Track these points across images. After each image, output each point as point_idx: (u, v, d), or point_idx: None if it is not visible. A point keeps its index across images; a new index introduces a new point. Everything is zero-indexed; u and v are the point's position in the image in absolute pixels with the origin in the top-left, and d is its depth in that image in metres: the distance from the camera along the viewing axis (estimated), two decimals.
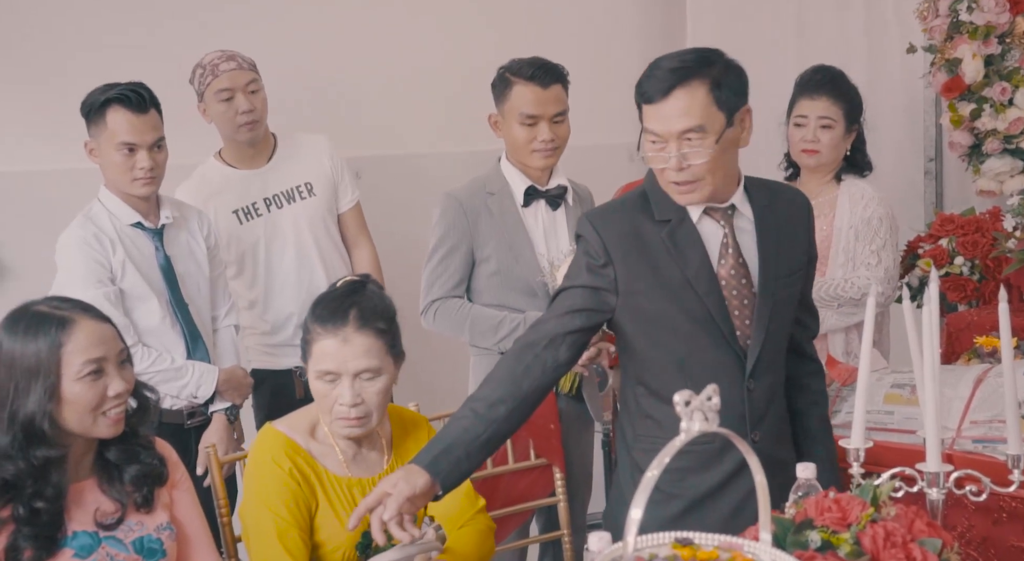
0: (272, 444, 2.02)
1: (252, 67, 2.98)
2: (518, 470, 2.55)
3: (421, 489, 1.81)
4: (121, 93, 2.57)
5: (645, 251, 1.97)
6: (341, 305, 2.01)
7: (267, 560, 1.95)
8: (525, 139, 2.75)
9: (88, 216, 2.64)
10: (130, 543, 1.88)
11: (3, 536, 1.77)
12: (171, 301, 2.68)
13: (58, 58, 3.21)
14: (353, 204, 3.17)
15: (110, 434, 1.89)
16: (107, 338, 1.88)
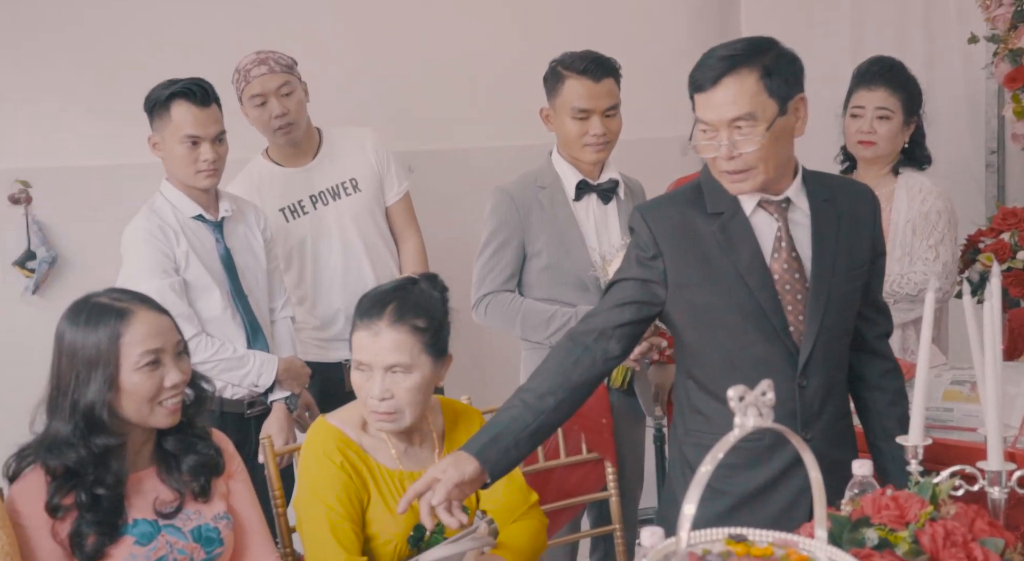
0: (324, 438, 2.04)
1: (286, 69, 2.96)
2: (570, 464, 2.55)
3: (470, 476, 1.81)
4: (185, 87, 2.62)
5: (696, 244, 1.96)
6: (381, 300, 2.04)
7: (320, 552, 1.97)
8: (577, 133, 2.73)
9: (152, 209, 2.69)
10: (188, 532, 1.92)
11: (68, 523, 1.82)
12: (232, 292, 2.73)
13: (117, 56, 3.26)
14: (400, 196, 3.18)
15: (167, 424, 1.92)
16: (164, 330, 1.92)
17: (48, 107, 3.18)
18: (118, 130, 3.22)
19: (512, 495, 2.14)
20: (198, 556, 1.92)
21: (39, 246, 3.14)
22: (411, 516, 2.02)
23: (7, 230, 3.12)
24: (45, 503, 1.82)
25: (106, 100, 3.23)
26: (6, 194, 3.12)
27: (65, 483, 1.83)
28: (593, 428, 2.55)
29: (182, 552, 1.90)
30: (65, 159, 3.20)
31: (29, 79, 3.15)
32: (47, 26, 3.18)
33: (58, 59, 3.19)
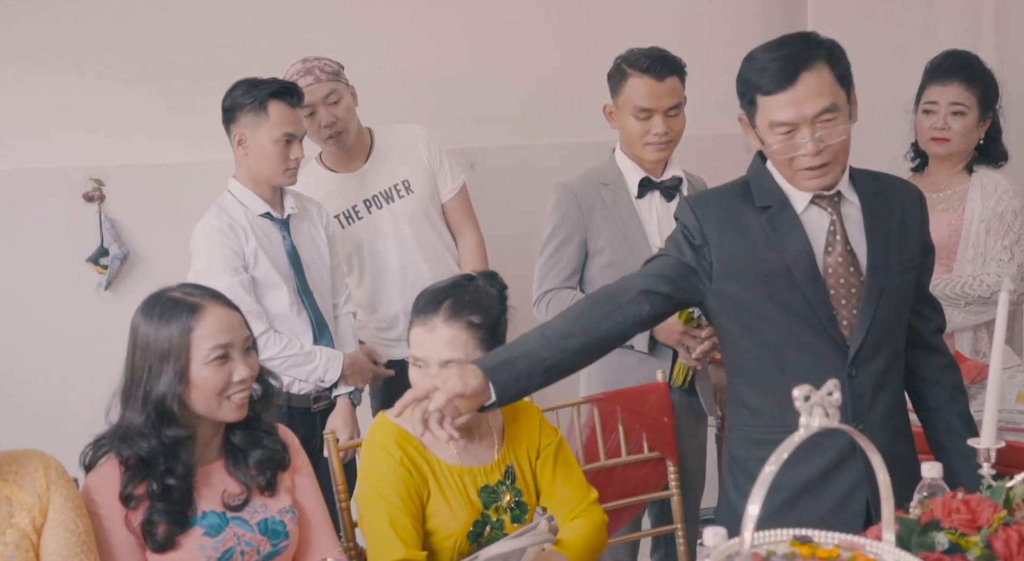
0: (384, 434, 2.06)
1: (332, 76, 2.96)
2: (631, 463, 2.54)
3: (472, 390, 1.72)
4: (284, 87, 2.70)
5: (743, 237, 1.95)
6: (437, 297, 2.05)
7: (380, 546, 1.98)
8: (639, 132, 2.72)
9: (221, 207, 2.74)
10: (255, 524, 1.95)
11: (140, 511, 1.86)
12: (298, 289, 2.77)
13: (185, 56, 3.32)
14: (455, 192, 3.16)
15: (234, 418, 1.96)
16: (234, 325, 1.95)
17: (121, 107, 3.24)
18: (188, 129, 3.29)
19: (572, 492, 2.14)
20: (264, 548, 1.95)
21: (111, 243, 3.21)
22: (471, 512, 2.04)
23: (81, 228, 3.19)
24: (119, 493, 1.86)
25: (176, 99, 3.30)
26: (80, 192, 3.19)
27: (138, 473, 1.87)
28: (655, 427, 2.54)
29: (249, 544, 1.93)
30: (137, 157, 3.26)
31: (102, 80, 3.22)
32: (117, 29, 3.24)
33: (130, 60, 3.25)
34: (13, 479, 1.73)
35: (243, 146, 2.72)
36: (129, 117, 3.25)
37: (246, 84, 2.71)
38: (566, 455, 2.19)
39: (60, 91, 3.17)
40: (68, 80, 3.18)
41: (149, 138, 3.27)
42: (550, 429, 2.20)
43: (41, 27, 3.15)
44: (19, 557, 1.67)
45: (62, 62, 3.17)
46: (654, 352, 2.71)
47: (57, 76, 3.17)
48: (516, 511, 2.10)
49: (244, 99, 2.68)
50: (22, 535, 1.69)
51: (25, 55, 3.13)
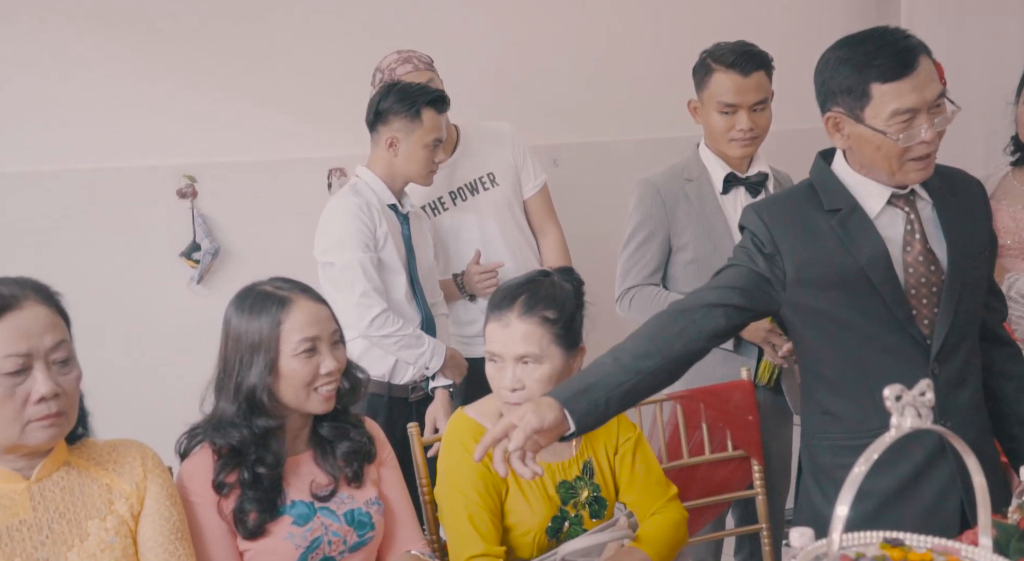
0: (462, 429, 2.07)
1: (428, 66, 3.04)
2: (715, 461, 2.51)
3: (550, 424, 1.70)
4: (438, 96, 2.82)
5: (815, 242, 1.91)
6: (512, 292, 2.05)
7: (460, 541, 2.00)
8: (723, 127, 2.69)
9: (355, 189, 2.84)
10: (342, 514, 1.99)
11: (232, 499, 1.91)
12: (412, 279, 2.86)
13: (276, 54, 3.39)
14: (538, 189, 3.19)
15: (322, 410, 1.99)
16: (322, 318, 1.99)
17: (213, 105, 3.32)
18: (278, 126, 3.36)
19: (651, 488, 2.13)
20: (351, 539, 1.98)
21: (203, 238, 3.29)
22: (550, 507, 2.04)
23: (174, 223, 3.27)
24: (212, 480, 1.91)
25: (267, 97, 3.36)
26: (174, 189, 3.28)
27: (230, 461, 1.93)
28: (739, 425, 2.51)
29: (336, 534, 1.96)
30: (228, 154, 3.34)
31: (195, 78, 3.30)
32: (209, 29, 3.32)
33: (221, 58, 3.33)
34: (113, 468, 1.78)
35: (393, 148, 2.82)
36: (221, 115, 3.32)
37: (400, 90, 2.82)
38: (645, 451, 2.18)
39: (155, 90, 3.26)
40: (163, 79, 3.26)
41: (240, 136, 3.34)
42: (628, 425, 2.19)
43: (134, 27, 3.23)
44: (118, 542, 1.72)
45: (157, 62, 3.26)
46: (739, 349, 2.68)
47: (152, 75, 3.25)
48: (595, 507, 2.09)
49: (399, 106, 2.79)
50: (121, 521, 1.74)
51: (120, 55, 3.22)
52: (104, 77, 3.21)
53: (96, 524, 1.71)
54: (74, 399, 1.71)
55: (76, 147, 3.18)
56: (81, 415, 1.77)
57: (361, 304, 2.71)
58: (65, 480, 1.73)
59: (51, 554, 1.66)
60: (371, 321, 2.72)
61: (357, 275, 2.72)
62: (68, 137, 3.17)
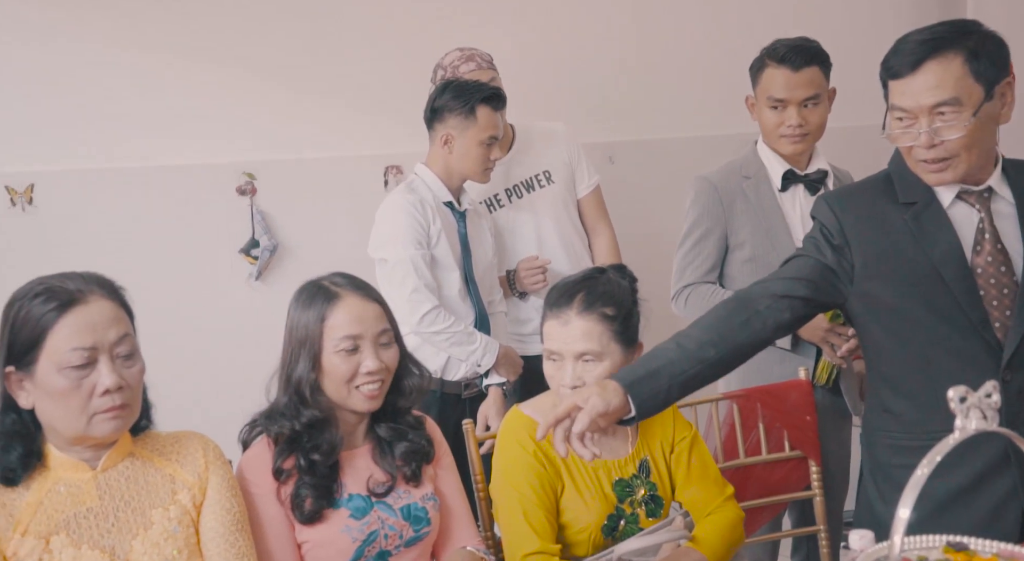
0: (517, 427, 2.07)
1: (490, 64, 3.04)
2: (772, 461, 2.49)
3: (614, 407, 1.72)
4: (493, 93, 2.84)
5: (886, 235, 1.88)
6: (570, 290, 2.05)
7: (515, 538, 2.00)
8: (773, 123, 2.67)
9: (410, 187, 2.86)
10: (399, 509, 2.00)
11: (290, 484, 1.94)
12: (466, 277, 2.88)
13: (335, 53, 3.42)
14: (591, 189, 3.19)
15: (365, 409, 2.00)
16: (368, 317, 1.99)
17: (273, 103, 3.36)
18: (337, 124, 3.39)
19: (707, 488, 2.12)
20: (407, 533, 1.99)
21: (262, 235, 3.33)
22: (605, 505, 2.04)
23: (234, 220, 3.32)
24: (271, 468, 1.94)
25: (326, 95, 3.40)
26: (234, 186, 3.33)
27: (286, 448, 1.95)
28: (797, 425, 2.48)
29: (392, 528, 1.98)
30: (287, 152, 3.38)
31: (256, 77, 3.35)
32: (270, 28, 3.36)
33: (281, 58, 3.37)
34: (176, 459, 1.82)
35: (448, 145, 2.84)
36: (281, 113, 3.36)
37: (456, 88, 2.84)
38: (701, 450, 2.16)
39: (216, 89, 3.31)
40: (224, 78, 3.32)
41: (299, 133, 3.38)
42: (684, 423, 2.18)
43: (197, 27, 3.29)
44: (181, 531, 1.75)
45: (218, 62, 3.31)
46: (796, 349, 2.66)
47: (214, 75, 3.31)
48: (651, 505, 2.08)
49: (455, 103, 2.81)
50: (184, 511, 1.77)
51: (183, 55, 3.28)
52: (166, 77, 3.26)
53: (160, 513, 1.75)
54: (138, 392, 1.75)
55: (140, 146, 3.24)
56: (145, 407, 1.80)
57: (412, 300, 2.73)
58: (130, 470, 1.76)
59: (117, 542, 1.70)
60: (421, 317, 2.74)
61: (408, 271, 2.74)
62: (133, 136, 3.23)
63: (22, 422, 1.70)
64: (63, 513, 1.68)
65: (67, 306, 1.67)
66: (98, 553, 1.67)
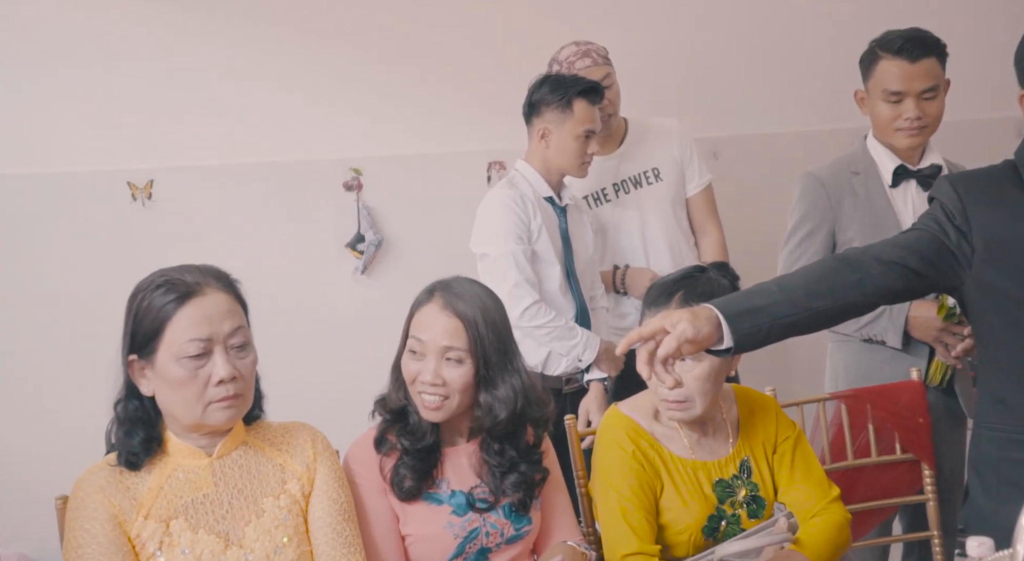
0: (616, 426, 2.06)
1: (606, 60, 3.03)
2: (882, 464, 2.44)
3: (704, 335, 1.65)
4: (590, 86, 2.83)
5: (1012, 222, 1.81)
6: (669, 288, 2.03)
7: (614, 538, 1.99)
8: (889, 117, 2.61)
9: (511, 182, 2.88)
10: (500, 507, 2.01)
11: (392, 458, 1.98)
12: (567, 272, 2.88)
13: (434, 51, 3.46)
14: (701, 188, 3.16)
15: (427, 417, 2.00)
16: (449, 331, 1.96)
17: (378, 100, 3.42)
18: (441, 120, 3.43)
19: (812, 489, 2.08)
20: (508, 531, 2.00)
21: (368, 230, 3.39)
22: (705, 506, 2.02)
23: (341, 215, 3.39)
24: (374, 440, 1.99)
25: (430, 92, 3.44)
26: (341, 181, 3.39)
27: (392, 424, 1.99)
28: (908, 427, 2.42)
29: (494, 526, 1.99)
30: (392, 148, 3.43)
31: (361, 75, 3.41)
32: (374, 23, 3.42)
33: (386, 55, 3.42)
34: (286, 449, 1.86)
35: (545, 139, 2.85)
36: (386, 110, 3.42)
37: (553, 81, 2.84)
38: (805, 450, 2.12)
39: (326, 87, 3.38)
40: (331, 76, 3.39)
41: (404, 130, 3.43)
42: (788, 423, 2.14)
43: (302, 25, 3.36)
44: (291, 520, 1.80)
45: (325, 61, 3.38)
46: (908, 348, 2.59)
47: (320, 74, 3.38)
48: (753, 506, 2.06)
49: (551, 96, 2.82)
50: (293, 501, 1.82)
51: (289, 55, 3.36)
52: (276, 76, 3.35)
53: (271, 502, 1.80)
54: (250, 382, 1.80)
55: (253, 143, 3.33)
56: (257, 397, 1.86)
57: (513, 295, 2.74)
58: (243, 459, 1.82)
59: (231, 528, 1.75)
60: (523, 312, 2.75)
61: (509, 266, 2.76)
62: (246, 133, 3.33)
63: (144, 409, 1.78)
64: (182, 498, 1.74)
65: (185, 298, 1.73)
66: (214, 538, 1.73)
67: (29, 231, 3.17)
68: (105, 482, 1.73)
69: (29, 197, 3.16)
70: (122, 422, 1.77)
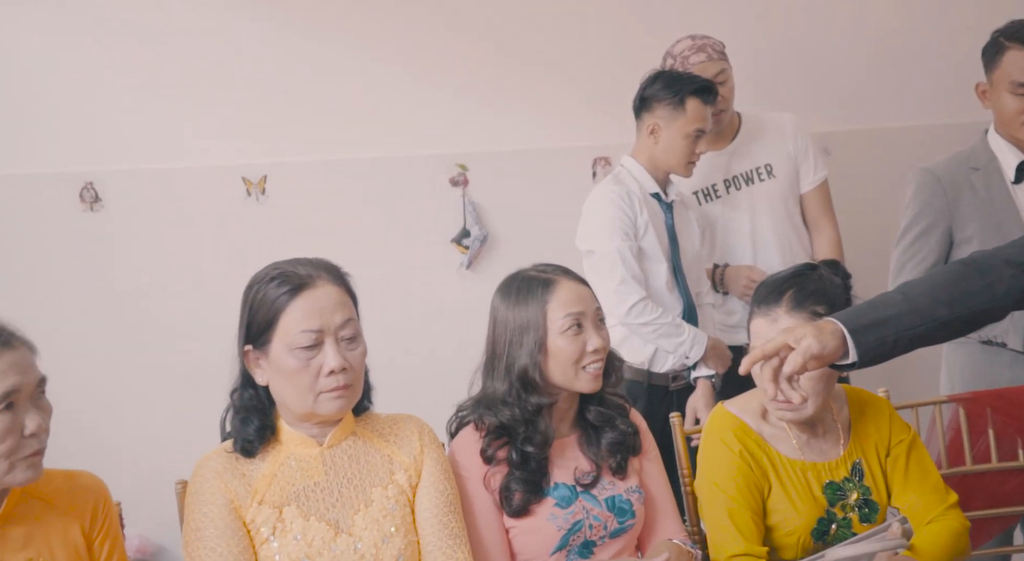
0: (722, 425, 2.04)
1: (721, 55, 3.00)
2: (1004, 470, 2.36)
3: (831, 351, 1.62)
4: (704, 85, 2.81)
5: None
6: (779, 287, 1.99)
7: (720, 538, 1.98)
8: (1015, 110, 2.54)
9: (617, 178, 2.88)
10: (603, 500, 2.01)
11: (499, 477, 1.98)
12: (674, 268, 2.86)
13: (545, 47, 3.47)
14: (816, 185, 3.10)
15: (590, 388, 2.02)
16: (584, 297, 2.03)
17: (484, 97, 3.45)
18: (546, 116, 3.45)
19: (927, 494, 2.03)
20: (611, 525, 2.01)
21: (473, 225, 3.43)
22: (815, 508, 1.98)
23: (447, 210, 3.43)
24: (480, 451, 1.99)
25: (535, 88, 3.46)
26: (447, 177, 3.44)
27: (499, 437, 2.00)
28: None
29: (597, 519, 1.99)
30: (499, 144, 3.46)
31: (467, 72, 3.45)
32: (480, 20, 3.45)
33: (492, 52, 3.45)
34: (394, 440, 1.90)
35: (655, 135, 2.84)
36: (492, 106, 3.45)
37: (667, 77, 2.84)
38: (920, 454, 2.07)
39: (431, 84, 3.43)
40: (438, 74, 3.43)
41: (510, 125, 3.46)
42: (902, 425, 2.09)
43: (411, 23, 3.41)
44: (398, 510, 1.83)
45: (433, 59, 3.43)
46: None
47: (428, 71, 3.42)
48: (865, 510, 2.02)
49: (664, 93, 2.81)
50: (400, 491, 1.85)
51: (402, 53, 3.41)
52: (387, 74, 3.40)
53: (379, 492, 1.83)
54: (360, 373, 1.83)
55: (360, 139, 3.40)
56: (366, 389, 1.89)
57: (619, 292, 2.73)
58: (352, 449, 1.85)
59: (340, 516, 1.79)
60: (629, 309, 2.74)
61: (616, 263, 2.75)
62: (353, 129, 3.39)
63: (258, 398, 1.83)
64: (294, 486, 1.79)
65: (298, 290, 1.77)
66: (324, 525, 1.77)
67: (148, 225, 3.29)
68: (222, 468, 1.78)
69: (148, 192, 3.29)
70: (238, 410, 1.83)
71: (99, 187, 3.24)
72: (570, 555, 1.98)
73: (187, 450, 1.96)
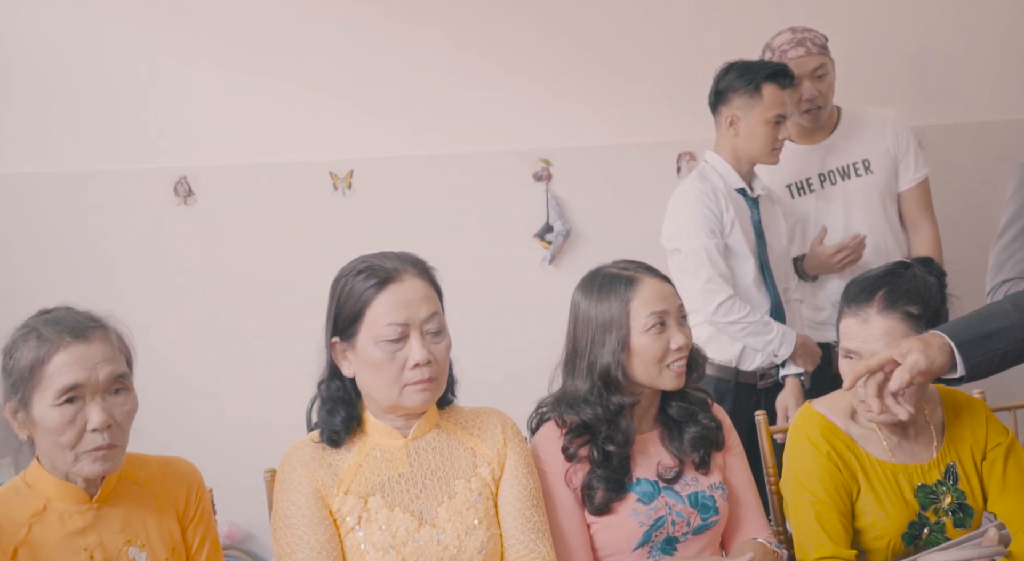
0: (809, 424, 2.01)
1: (821, 50, 2.95)
2: None
3: (938, 366, 1.59)
4: (779, 70, 2.78)
5: None
6: (871, 286, 1.95)
7: (806, 540, 1.94)
8: None
9: (702, 175, 2.85)
10: (686, 496, 1.99)
11: (581, 475, 1.97)
12: (761, 264, 2.83)
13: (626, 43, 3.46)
14: (915, 182, 3.03)
15: (673, 386, 2.00)
16: (667, 295, 2.01)
17: (567, 93, 3.45)
18: (630, 112, 3.44)
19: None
20: (694, 521, 1.99)
21: (556, 220, 3.43)
22: (906, 512, 1.94)
23: (530, 205, 3.45)
24: (561, 448, 1.98)
25: (617, 84, 3.46)
26: (531, 172, 3.44)
27: (580, 436, 1.98)
28: None
29: (680, 515, 1.98)
30: (582, 139, 3.46)
31: (549, 69, 3.46)
32: (561, 17, 3.46)
33: (574, 48, 3.46)
34: (477, 434, 1.91)
35: (734, 126, 2.81)
36: (575, 102, 3.45)
37: (739, 67, 2.80)
38: (1019, 458, 2.01)
39: (514, 82, 3.45)
40: (520, 72, 3.45)
41: (594, 120, 3.46)
42: (999, 428, 2.03)
43: (493, 21, 3.44)
44: (481, 503, 1.84)
45: (516, 57, 3.45)
46: None
47: (511, 69, 3.45)
48: (959, 515, 1.96)
49: (739, 82, 2.77)
50: (483, 484, 1.86)
51: (481, 48, 3.44)
52: (471, 71, 3.44)
53: (462, 484, 1.84)
54: (444, 367, 1.84)
55: (444, 134, 3.43)
56: (450, 382, 1.91)
57: (707, 290, 2.70)
58: (436, 441, 1.87)
59: (424, 507, 1.81)
60: (716, 307, 2.71)
61: (702, 261, 2.72)
62: (440, 125, 3.43)
63: (345, 389, 1.85)
64: (379, 476, 1.81)
65: (385, 283, 1.79)
66: (408, 516, 1.79)
67: (239, 219, 3.37)
68: (309, 458, 1.81)
69: (239, 186, 3.36)
70: (325, 401, 1.86)
71: (192, 182, 3.33)
72: (652, 551, 1.96)
73: (277, 439, 2.00)
